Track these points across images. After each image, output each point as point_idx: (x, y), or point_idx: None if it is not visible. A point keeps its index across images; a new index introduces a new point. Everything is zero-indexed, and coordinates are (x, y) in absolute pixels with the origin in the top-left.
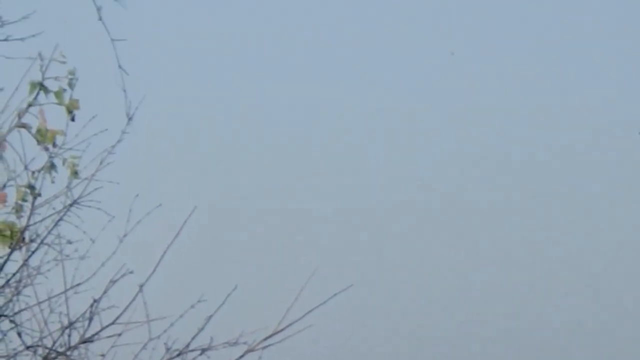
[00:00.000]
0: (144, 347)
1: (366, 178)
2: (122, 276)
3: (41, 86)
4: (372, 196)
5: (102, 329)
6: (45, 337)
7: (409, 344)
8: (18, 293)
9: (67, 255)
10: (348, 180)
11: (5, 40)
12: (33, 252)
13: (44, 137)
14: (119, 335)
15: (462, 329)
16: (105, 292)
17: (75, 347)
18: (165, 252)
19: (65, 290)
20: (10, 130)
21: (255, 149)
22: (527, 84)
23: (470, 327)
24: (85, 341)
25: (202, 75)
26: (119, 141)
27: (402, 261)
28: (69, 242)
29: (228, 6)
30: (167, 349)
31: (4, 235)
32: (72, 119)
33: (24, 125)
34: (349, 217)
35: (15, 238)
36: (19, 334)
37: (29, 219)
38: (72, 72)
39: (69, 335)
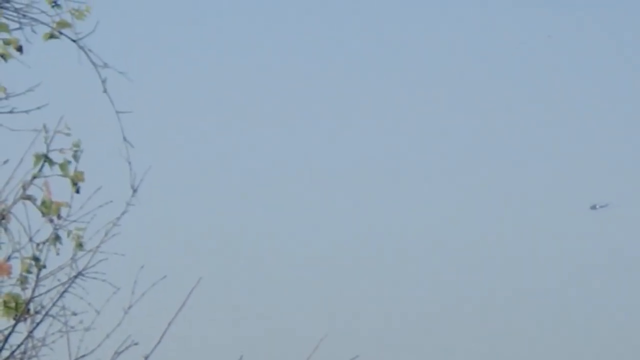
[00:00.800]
0: None
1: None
2: (127, 347)
3: (46, 158)
4: (381, 259)
5: None
6: None
7: None
8: None
9: (72, 327)
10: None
11: (10, 112)
12: (38, 324)
13: (48, 209)
14: None
15: None
16: None
17: None
18: (170, 324)
19: None
20: (15, 202)
21: (262, 221)
22: None
23: None
24: None
25: (207, 147)
26: (123, 213)
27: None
28: (74, 314)
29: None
30: None
31: (8, 307)
32: (77, 191)
33: (28, 197)
34: (357, 286)
35: (20, 310)
36: None
37: (33, 290)
38: (76, 144)
39: None
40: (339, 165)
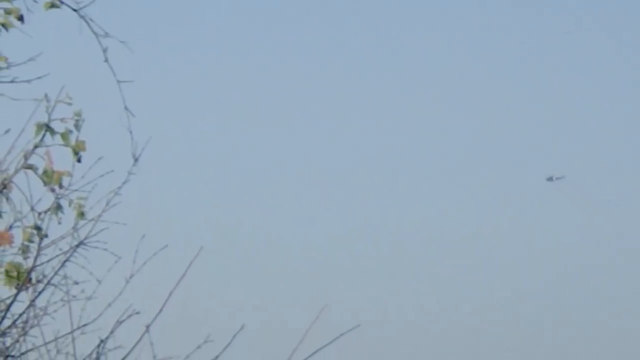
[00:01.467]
0: None
1: (375, 216)
2: (129, 317)
3: (47, 128)
4: (381, 235)
5: None
6: None
7: None
8: (25, 333)
9: (74, 296)
10: (357, 220)
11: (12, 82)
12: (40, 293)
13: (50, 178)
14: None
15: None
16: (111, 332)
17: None
18: (171, 293)
19: (72, 331)
20: (16, 172)
21: (264, 190)
22: None
23: None
24: None
25: (208, 115)
26: (125, 182)
27: (410, 301)
28: (76, 283)
29: (233, 47)
30: None
31: (10, 276)
32: (79, 160)
33: (30, 167)
34: (357, 257)
35: (22, 279)
36: None
37: (35, 259)
38: (78, 114)
39: None
40: (336, 160)
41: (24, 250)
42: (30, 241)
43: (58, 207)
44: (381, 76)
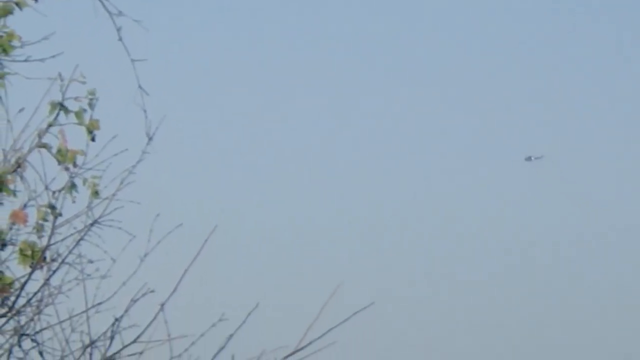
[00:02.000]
0: None
1: (392, 198)
2: (143, 295)
3: (61, 106)
4: (396, 214)
5: (124, 347)
6: (66, 356)
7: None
8: (39, 312)
9: (88, 275)
10: (372, 200)
11: (26, 61)
12: (54, 272)
13: (64, 157)
14: (140, 353)
15: (488, 343)
16: (126, 311)
17: None
18: (186, 271)
19: (87, 310)
20: (30, 151)
21: (279, 169)
22: None
23: (494, 344)
24: (107, 359)
25: (222, 94)
26: (139, 161)
27: (425, 278)
28: (90, 262)
29: (248, 27)
30: None
31: (25, 255)
32: (93, 139)
33: (44, 145)
34: (371, 235)
35: (36, 258)
36: (41, 353)
37: (49, 238)
38: (92, 93)
39: (91, 354)
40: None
41: (38, 229)
42: (45, 220)
43: (72, 186)
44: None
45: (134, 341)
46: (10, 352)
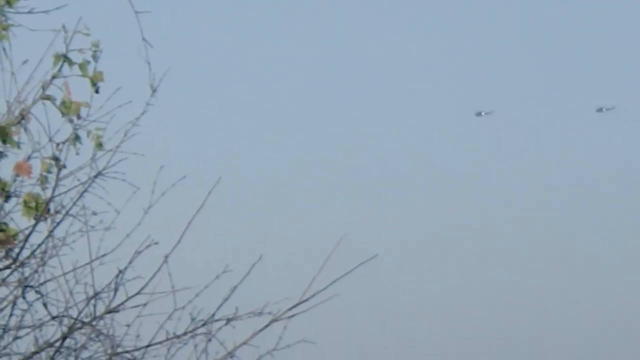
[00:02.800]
0: (169, 317)
1: (393, 147)
2: (147, 247)
3: (65, 58)
4: (399, 165)
5: (128, 299)
6: (70, 307)
7: (435, 315)
8: (43, 264)
9: (92, 227)
10: (375, 150)
11: (29, 12)
12: (58, 224)
13: (68, 109)
14: (144, 305)
15: (487, 303)
16: (130, 262)
17: (101, 317)
18: (190, 223)
19: (91, 261)
20: (34, 102)
21: (284, 120)
22: None
23: (492, 304)
24: (111, 311)
25: (226, 45)
26: (143, 113)
27: (429, 233)
28: (94, 214)
29: None
30: (192, 319)
31: (29, 207)
32: (97, 91)
33: (48, 97)
34: (376, 186)
35: (40, 209)
36: (45, 305)
37: (53, 190)
38: (95, 45)
39: (95, 306)
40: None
41: (42, 181)
42: (49, 172)
43: (76, 138)
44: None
45: (138, 293)
46: (14, 303)
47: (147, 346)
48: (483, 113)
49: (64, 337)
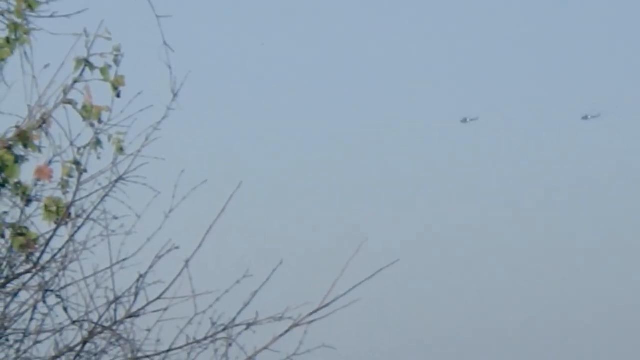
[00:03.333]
0: (189, 322)
1: (414, 152)
2: (168, 251)
3: (86, 62)
4: (421, 170)
5: (148, 303)
6: (91, 311)
7: (455, 320)
8: (64, 268)
9: (113, 231)
10: (395, 154)
11: (51, 16)
12: (79, 228)
13: (89, 113)
14: (165, 310)
15: (509, 311)
16: (151, 267)
17: (121, 322)
18: (211, 228)
19: (111, 266)
20: (56, 107)
21: (306, 125)
22: None
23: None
24: (131, 316)
25: (247, 48)
26: (164, 117)
27: (451, 236)
28: (115, 218)
29: None
30: (213, 324)
31: (50, 211)
32: (118, 95)
33: (69, 102)
34: (396, 192)
35: (61, 214)
36: (65, 309)
37: (74, 194)
38: (117, 49)
39: (115, 310)
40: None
41: (64, 185)
42: (70, 176)
43: (97, 142)
44: None
45: (159, 297)
46: (35, 307)
47: (168, 351)
48: (468, 119)
49: (85, 342)
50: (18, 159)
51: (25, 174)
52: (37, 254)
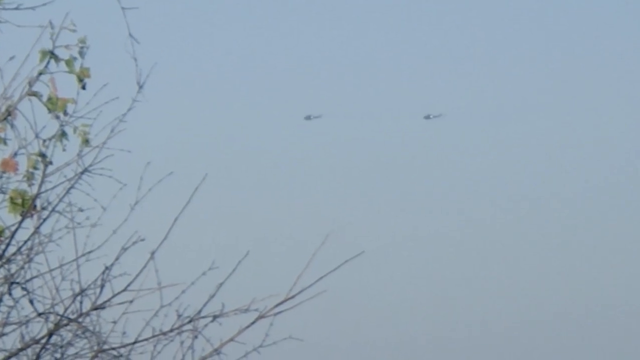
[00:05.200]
0: (155, 314)
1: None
2: (134, 243)
3: (52, 54)
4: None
5: (114, 296)
6: (56, 304)
7: (422, 312)
8: (30, 260)
9: (79, 223)
10: (359, 148)
11: (16, 8)
12: (44, 220)
13: (54, 105)
14: (131, 302)
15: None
16: (116, 259)
17: (87, 314)
18: (176, 220)
19: (77, 258)
20: (21, 99)
21: (268, 114)
22: None
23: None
24: (97, 308)
25: (212, 41)
26: (129, 109)
27: (416, 228)
28: (81, 210)
29: None
30: (179, 316)
31: (15, 203)
32: (83, 87)
33: (34, 94)
34: (363, 182)
35: (27, 206)
36: (31, 301)
37: (40, 186)
38: (82, 41)
39: (81, 302)
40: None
41: (29, 177)
42: (35, 168)
43: (63, 134)
44: None
45: (125, 289)
46: (0, 300)
47: (134, 343)
48: (432, 116)
49: (50, 334)
50: None
51: None
52: (3, 247)
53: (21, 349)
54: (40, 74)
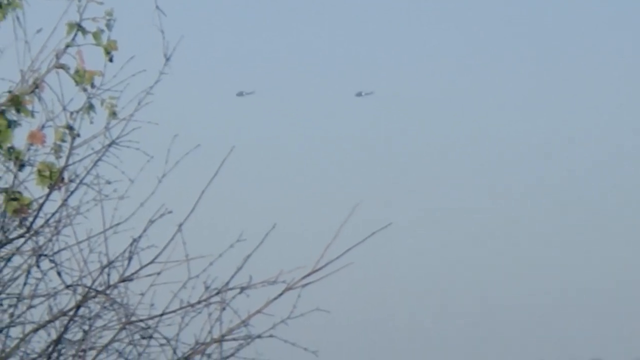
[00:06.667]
0: (183, 286)
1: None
2: (161, 216)
3: (79, 27)
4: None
5: (141, 268)
6: (84, 276)
7: (448, 284)
8: (57, 233)
9: (106, 195)
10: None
11: None
12: (72, 192)
13: (82, 78)
14: (158, 274)
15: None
16: (144, 231)
17: (115, 286)
18: (203, 192)
19: (105, 230)
20: (48, 71)
21: (298, 90)
22: None
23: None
24: (125, 280)
25: (240, 14)
26: (157, 82)
27: (442, 203)
28: (108, 182)
29: None
30: (206, 288)
31: (43, 176)
32: (110, 60)
33: (62, 66)
34: (391, 156)
35: (54, 178)
36: (59, 273)
37: (67, 159)
38: (109, 13)
39: (108, 275)
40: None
41: (56, 149)
42: (63, 141)
43: (90, 107)
44: None
45: (152, 262)
46: (28, 272)
47: (161, 315)
48: (363, 93)
49: (78, 306)
50: (11, 124)
51: (18, 138)
52: (31, 219)
53: (49, 321)
54: (67, 46)
